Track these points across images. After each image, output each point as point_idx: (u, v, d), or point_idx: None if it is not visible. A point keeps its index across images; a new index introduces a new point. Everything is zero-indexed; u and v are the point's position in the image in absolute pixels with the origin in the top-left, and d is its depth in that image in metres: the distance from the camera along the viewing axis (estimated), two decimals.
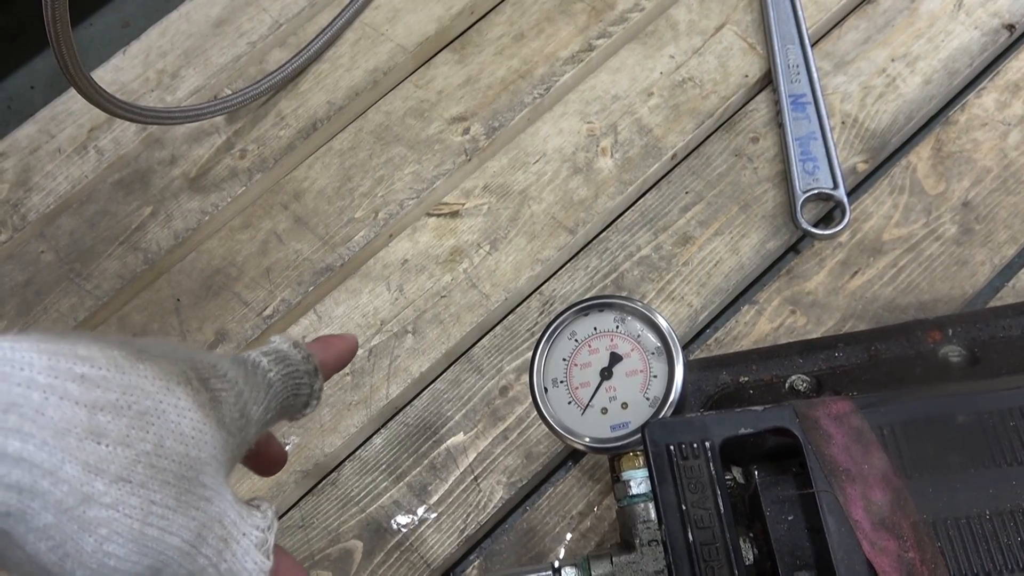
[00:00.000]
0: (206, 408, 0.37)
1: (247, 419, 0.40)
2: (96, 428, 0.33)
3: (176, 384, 0.36)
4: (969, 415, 0.48)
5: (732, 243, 0.74)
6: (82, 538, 0.33)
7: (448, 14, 0.86)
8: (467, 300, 0.75)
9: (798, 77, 0.78)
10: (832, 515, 0.46)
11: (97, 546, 0.33)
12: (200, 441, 0.36)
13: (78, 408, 0.32)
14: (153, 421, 0.34)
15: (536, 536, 0.67)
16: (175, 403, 0.36)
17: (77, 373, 0.33)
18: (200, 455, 0.36)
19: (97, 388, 0.33)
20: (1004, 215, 0.73)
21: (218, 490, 0.37)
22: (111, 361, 0.34)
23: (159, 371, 0.36)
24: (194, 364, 0.39)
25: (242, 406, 0.40)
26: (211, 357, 0.40)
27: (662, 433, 0.46)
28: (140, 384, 0.35)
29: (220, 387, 0.39)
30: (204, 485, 0.36)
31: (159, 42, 0.88)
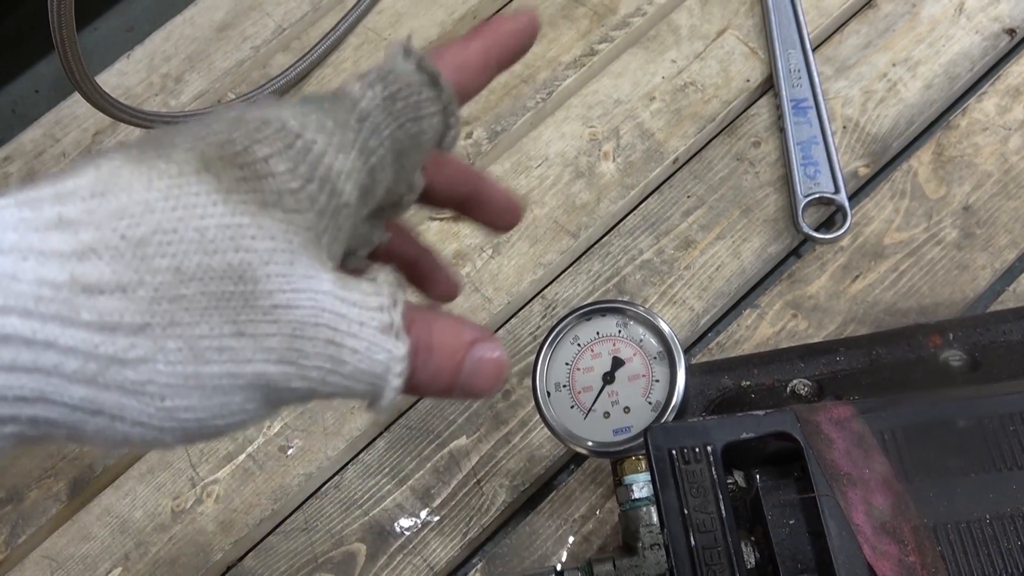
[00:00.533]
0: (239, 192, 0.28)
1: (328, 179, 0.30)
2: (90, 278, 0.26)
3: (190, 177, 0.28)
4: (970, 420, 0.48)
5: (734, 247, 0.75)
6: (133, 404, 0.27)
7: (451, 19, 0.86)
8: (469, 304, 0.75)
9: (799, 81, 0.78)
10: (833, 519, 0.46)
11: (159, 407, 0.27)
12: (239, 241, 0.28)
13: (62, 261, 0.26)
14: (162, 244, 0.27)
15: (539, 539, 0.68)
16: (190, 206, 0.27)
17: (54, 217, 0.26)
18: (247, 259, 0.28)
19: (81, 227, 0.26)
20: (1005, 219, 0.73)
21: (300, 286, 0.28)
22: (100, 183, 0.27)
23: (164, 169, 0.28)
24: (225, 136, 0.29)
25: (310, 165, 0.30)
26: (261, 111, 0.30)
27: (664, 437, 0.47)
28: (139, 199, 0.27)
29: (264, 153, 0.29)
30: (270, 292, 0.28)
31: (163, 46, 0.88)
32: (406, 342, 0.30)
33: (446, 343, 0.31)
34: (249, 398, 0.28)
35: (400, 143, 0.32)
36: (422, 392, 0.31)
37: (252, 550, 0.70)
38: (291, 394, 0.29)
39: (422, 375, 0.31)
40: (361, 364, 0.29)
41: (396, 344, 0.29)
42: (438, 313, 0.32)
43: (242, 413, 0.29)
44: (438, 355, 0.31)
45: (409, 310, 0.30)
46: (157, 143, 0.29)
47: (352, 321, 0.29)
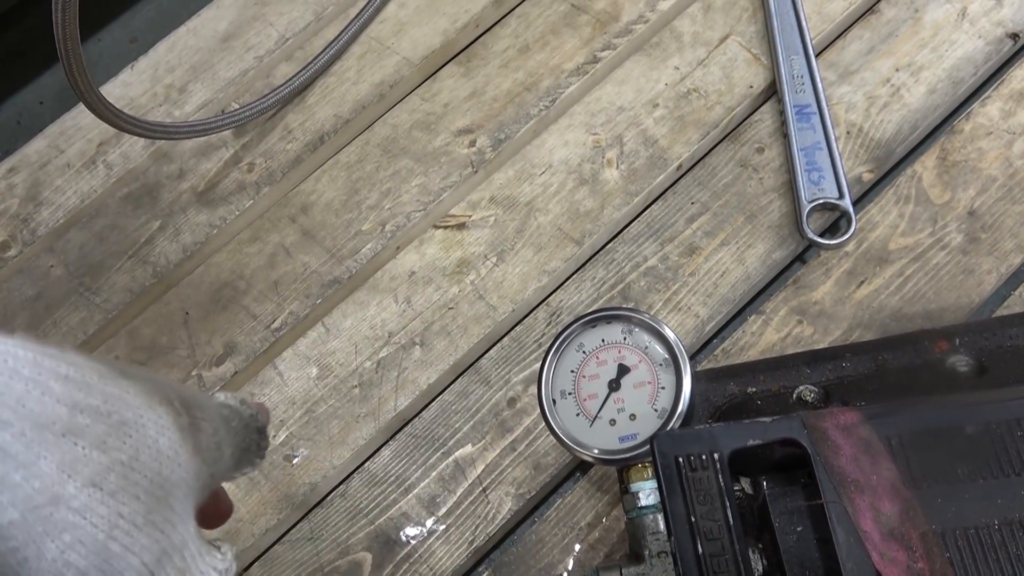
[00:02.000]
0: (185, 432, 0.36)
1: (221, 455, 0.40)
2: (75, 428, 0.31)
3: (158, 403, 0.35)
4: (977, 425, 0.48)
5: (738, 253, 0.75)
6: (45, 542, 0.31)
7: (453, 27, 0.86)
8: (474, 312, 0.75)
9: (802, 87, 0.78)
10: (841, 526, 0.46)
11: (58, 553, 0.31)
12: (175, 462, 0.35)
13: (59, 406, 0.31)
14: (132, 432, 0.33)
15: (545, 547, 0.68)
16: (155, 420, 0.35)
17: (61, 373, 0.32)
18: (173, 476, 0.35)
19: (79, 391, 0.32)
20: (1010, 224, 0.73)
21: (184, 518, 0.35)
22: (95, 370, 0.33)
23: (142, 389, 0.35)
24: (177, 391, 0.38)
25: (219, 440, 0.40)
26: (192, 390, 0.40)
27: (671, 445, 0.47)
28: (122, 396, 0.34)
29: (201, 416, 0.38)
30: (172, 508, 0.35)
31: (167, 57, 0.89)
32: None
33: None
34: None
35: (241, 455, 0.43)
36: None
37: (258, 560, 0.70)
38: None
39: None
40: None
41: None
42: None
43: None
44: None
45: None
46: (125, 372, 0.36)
47: (199, 567, 0.36)
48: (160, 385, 0.37)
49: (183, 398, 0.38)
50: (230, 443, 0.41)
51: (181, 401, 0.37)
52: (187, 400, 0.38)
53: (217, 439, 0.39)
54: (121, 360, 0.77)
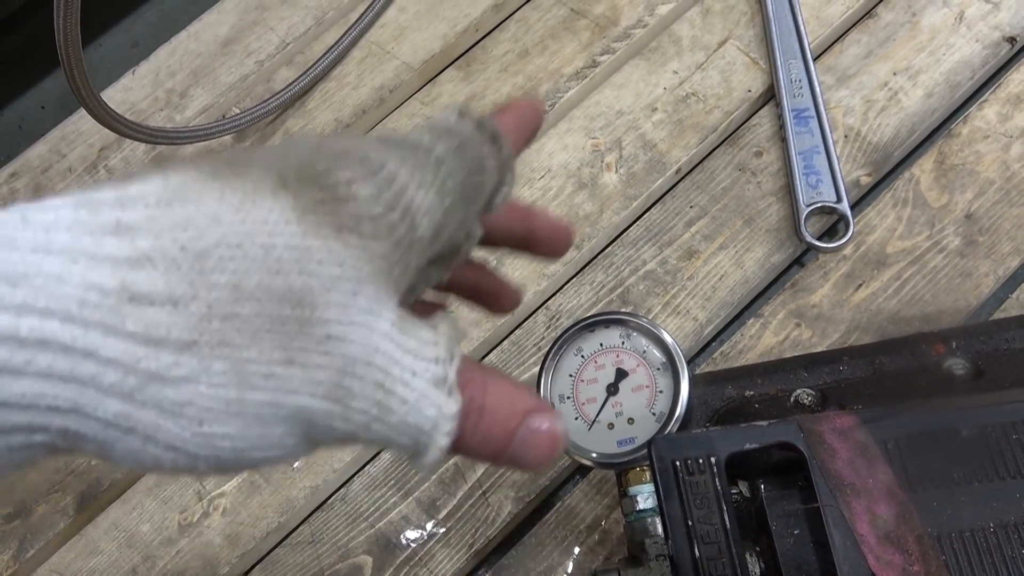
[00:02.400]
0: (316, 212, 0.27)
1: (409, 210, 0.29)
2: (141, 288, 0.25)
3: (263, 193, 0.27)
4: (973, 428, 0.48)
5: (737, 257, 0.75)
6: (170, 425, 0.25)
7: (453, 32, 0.87)
8: (474, 315, 0.75)
9: (801, 91, 0.79)
10: (837, 529, 0.46)
11: (196, 431, 0.26)
12: (306, 264, 0.27)
13: (115, 267, 0.25)
14: (224, 259, 0.26)
15: (545, 550, 0.68)
16: (260, 221, 0.26)
17: (112, 222, 0.25)
18: (310, 284, 0.27)
19: (141, 235, 0.25)
20: (1007, 227, 0.73)
21: (357, 321, 0.27)
22: (168, 193, 0.26)
23: (239, 185, 0.27)
24: (307, 159, 0.29)
25: (394, 195, 0.29)
26: (340, 142, 0.30)
27: (668, 449, 0.47)
28: (207, 211, 0.26)
29: (346, 177, 0.28)
30: (327, 321, 0.27)
31: (168, 62, 0.89)
32: (458, 400, 0.28)
33: (500, 408, 0.29)
34: (289, 432, 0.27)
35: (468, 190, 0.32)
36: (468, 454, 0.30)
37: (259, 563, 0.70)
38: (331, 434, 0.28)
39: (471, 438, 0.29)
40: (408, 416, 0.28)
41: (447, 401, 0.28)
42: (496, 375, 0.30)
43: (280, 448, 0.27)
44: (490, 420, 0.29)
45: (466, 368, 0.29)
46: (232, 161, 0.28)
47: (405, 368, 0.28)
48: (276, 159, 0.29)
49: (313, 163, 0.28)
50: (428, 186, 0.30)
51: (305, 171, 0.28)
52: (323, 161, 0.29)
53: (392, 193, 0.29)
54: None
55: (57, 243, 0.25)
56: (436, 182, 0.30)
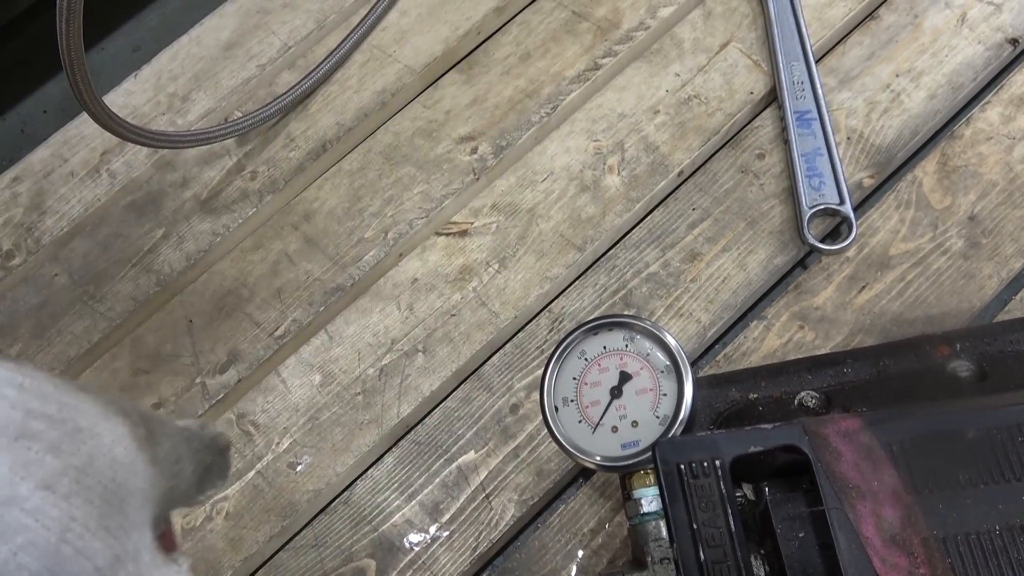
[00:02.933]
0: (142, 442, 0.36)
1: (181, 470, 0.40)
2: (29, 432, 0.32)
3: (115, 414, 0.36)
4: (978, 430, 0.48)
5: (739, 259, 0.75)
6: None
7: (455, 35, 0.86)
8: (477, 318, 0.75)
9: (803, 93, 0.79)
10: (843, 532, 0.46)
11: (11, 555, 0.31)
12: (131, 470, 0.35)
13: (13, 411, 0.32)
14: (87, 439, 0.34)
15: (548, 554, 0.68)
16: (111, 429, 0.35)
17: (17, 382, 0.32)
18: (128, 484, 0.35)
19: (35, 399, 0.33)
20: (1011, 228, 0.73)
21: (139, 526, 0.35)
22: (52, 383, 0.34)
23: (99, 401, 0.36)
24: (134, 407, 0.38)
25: (178, 455, 0.40)
26: (149, 410, 0.41)
27: (672, 452, 0.47)
28: (78, 405, 0.34)
29: (159, 430, 0.39)
30: (127, 515, 0.35)
31: (170, 66, 0.89)
32: None
33: None
34: None
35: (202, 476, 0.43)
36: None
37: (262, 567, 0.70)
38: None
39: None
40: None
41: None
42: None
43: None
44: None
45: None
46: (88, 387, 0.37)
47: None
48: (117, 400, 0.37)
49: (140, 413, 0.38)
50: (191, 460, 0.42)
51: (139, 415, 0.38)
52: (145, 415, 0.38)
53: (177, 453, 0.40)
54: (122, 371, 0.77)
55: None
56: (194, 463, 0.42)
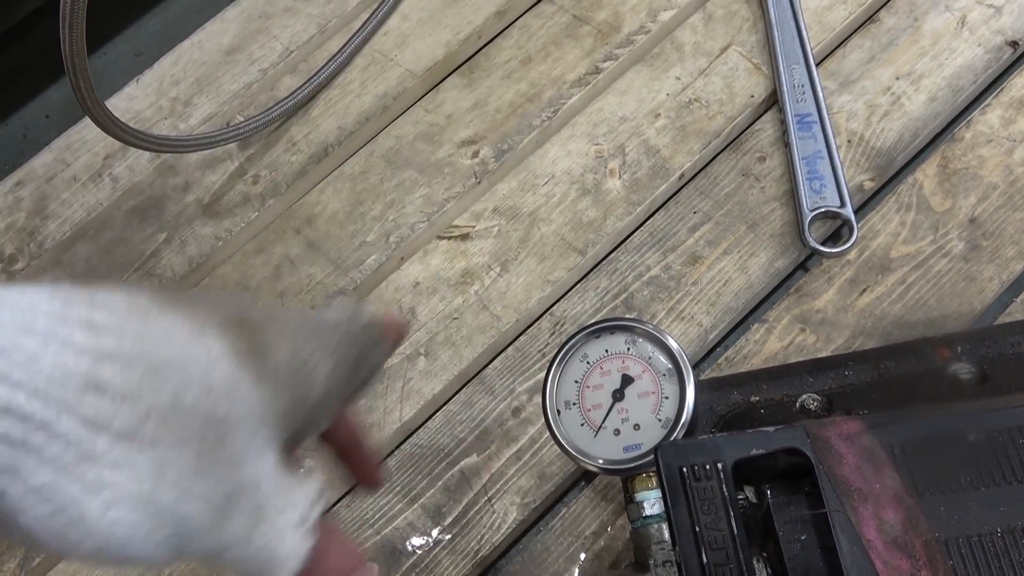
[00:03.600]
0: (246, 356, 0.32)
1: (309, 376, 0.35)
2: (99, 379, 0.29)
3: (210, 329, 0.32)
4: (979, 433, 0.48)
5: (741, 262, 0.75)
6: (85, 502, 0.29)
7: (456, 39, 0.87)
8: (478, 322, 0.76)
9: (803, 97, 0.79)
10: (845, 535, 0.46)
11: (102, 511, 0.29)
12: (231, 395, 0.31)
13: (80, 357, 0.29)
14: (171, 372, 0.30)
15: (550, 557, 0.68)
16: (204, 351, 0.31)
17: (85, 319, 0.29)
18: (230, 413, 0.31)
19: (106, 335, 0.29)
20: (1011, 231, 0.73)
21: (253, 454, 0.32)
22: (132, 308, 0.31)
23: (190, 317, 0.32)
24: (243, 310, 0.34)
25: (303, 360, 0.35)
26: (269, 307, 0.37)
27: (674, 455, 0.47)
28: (162, 331, 0.31)
29: (272, 337, 0.34)
30: (233, 447, 0.31)
31: (172, 71, 0.89)
32: (309, 544, 0.34)
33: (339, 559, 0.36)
34: (167, 538, 0.30)
35: (349, 376, 0.39)
36: None
37: None
38: (200, 547, 0.31)
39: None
40: (266, 546, 0.32)
41: (301, 544, 0.33)
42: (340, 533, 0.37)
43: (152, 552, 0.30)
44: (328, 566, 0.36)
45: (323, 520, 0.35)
46: (185, 298, 0.33)
47: (276, 506, 0.33)
48: (221, 306, 0.33)
49: (248, 316, 0.34)
50: (327, 359, 0.36)
51: (243, 321, 0.33)
52: (255, 318, 0.34)
53: (301, 357, 0.35)
54: None
55: (36, 326, 0.28)
56: (331, 362, 0.37)
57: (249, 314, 0.34)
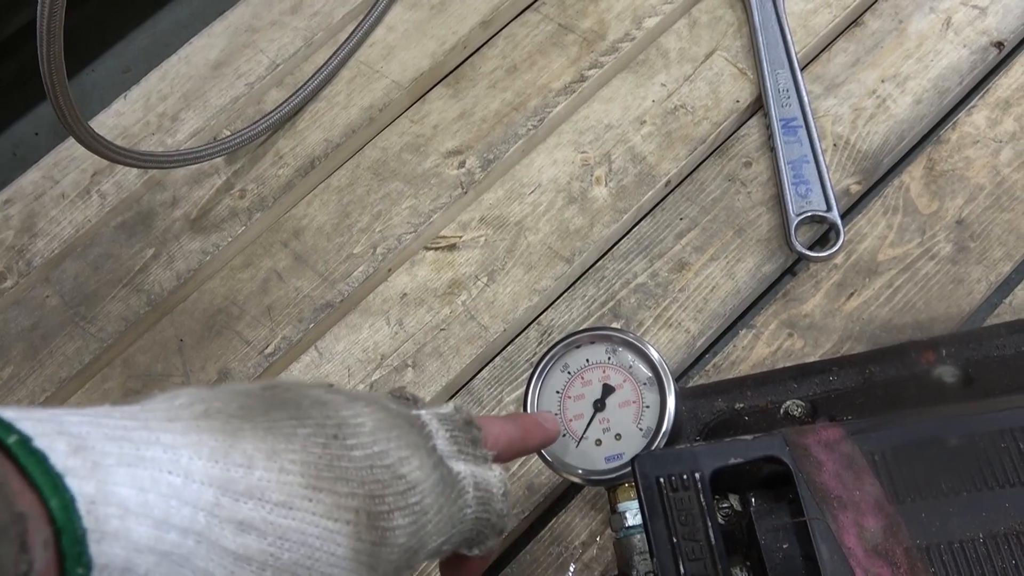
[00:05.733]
0: (363, 555, 0.36)
1: (416, 550, 0.39)
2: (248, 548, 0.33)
3: (341, 526, 0.35)
4: (961, 438, 0.48)
5: (728, 268, 0.75)
6: None
7: (441, 49, 0.87)
8: (466, 332, 0.75)
9: (789, 101, 0.79)
10: (825, 543, 0.46)
11: None
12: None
13: (224, 558, 0.32)
14: (298, 573, 0.34)
15: (540, 567, 0.68)
16: (329, 552, 0.35)
17: (238, 519, 0.33)
18: None
19: (251, 534, 0.33)
20: (998, 232, 0.73)
21: None
22: (284, 492, 0.34)
23: (330, 506, 0.35)
24: (382, 489, 0.37)
25: (419, 540, 0.39)
26: (418, 472, 0.39)
27: (651, 466, 0.47)
28: (301, 527, 0.34)
29: (396, 523, 0.37)
30: None
31: (159, 86, 0.90)
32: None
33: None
34: None
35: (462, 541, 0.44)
36: None
37: None
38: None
39: None
40: None
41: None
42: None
43: None
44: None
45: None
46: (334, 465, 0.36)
47: None
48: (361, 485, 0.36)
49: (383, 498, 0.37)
50: (447, 531, 0.41)
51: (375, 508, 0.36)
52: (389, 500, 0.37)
53: (418, 538, 0.39)
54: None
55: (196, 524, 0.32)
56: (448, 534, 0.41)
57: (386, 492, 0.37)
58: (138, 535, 0.30)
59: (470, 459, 0.43)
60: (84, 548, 0.29)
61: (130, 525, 0.30)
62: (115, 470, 0.30)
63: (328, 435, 0.36)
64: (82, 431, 0.31)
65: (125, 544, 0.30)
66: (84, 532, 0.29)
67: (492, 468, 0.44)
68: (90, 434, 0.31)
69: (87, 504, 0.29)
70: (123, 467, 0.30)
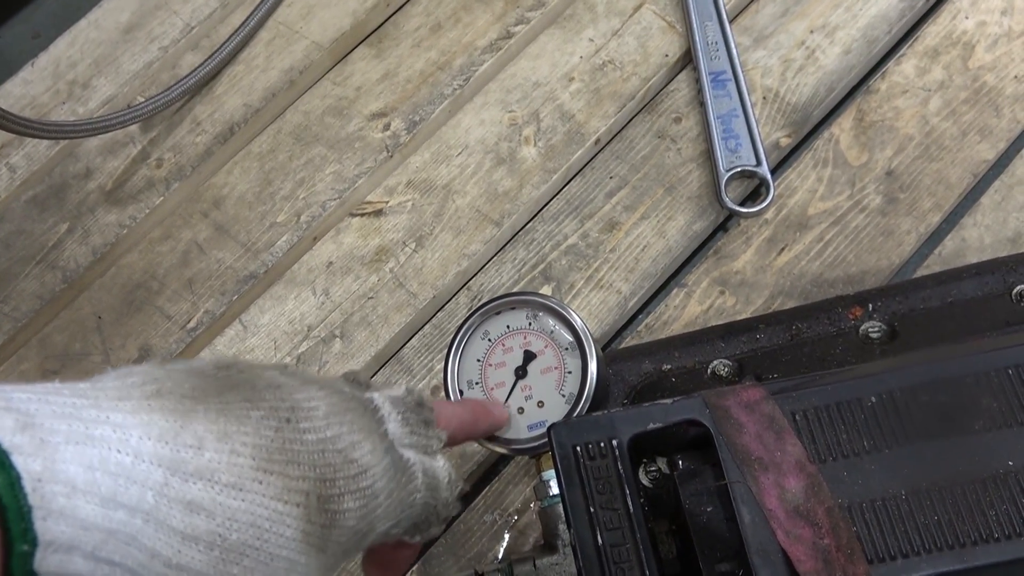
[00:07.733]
0: (312, 537, 0.36)
1: (366, 533, 0.40)
2: (182, 563, 0.33)
3: (291, 508, 0.35)
4: (880, 394, 0.47)
5: (658, 226, 0.73)
6: None
7: (363, 7, 0.84)
8: (394, 300, 0.74)
9: (717, 54, 0.77)
10: (746, 505, 0.45)
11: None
12: (291, 571, 0.36)
13: (172, 537, 0.32)
14: (246, 553, 0.34)
15: (474, 536, 0.67)
16: (279, 533, 0.35)
17: (187, 499, 0.33)
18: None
19: (200, 515, 0.33)
20: (928, 182, 0.72)
21: None
22: (234, 474, 0.34)
23: (280, 489, 0.35)
24: (333, 473, 0.37)
25: (368, 523, 0.39)
26: (370, 456, 0.39)
27: (568, 434, 0.46)
28: (250, 508, 0.34)
29: (347, 506, 0.37)
30: None
31: (68, 52, 0.86)
32: None
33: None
34: None
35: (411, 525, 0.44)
36: None
37: None
38: None
39: None
40: None
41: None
42: None
43: None
44: None
45: None
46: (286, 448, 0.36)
47: None
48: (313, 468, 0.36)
49: (333, 482, 0.37)
50: (395, 515, 0.41)
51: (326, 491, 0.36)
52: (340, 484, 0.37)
53: (368, 522, 0.39)
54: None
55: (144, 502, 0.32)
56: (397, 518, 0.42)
57: (337, 475, 0.37)
58: (85, 513, 0.30)
59: (421, 442, 0.43)
60: (30, 525, 0.29)
61: (77, 503, 0.30)
62: (63, 448, 0.30)
63: (281, 418, 0.36)
64: (30, 408, 0.31)
65: (71, 522, 0.30)
66: (30, 509, 0.29)
67: (439, 457, 0.44)
68: (39, 411, 0.31)
69: (33, 482, 0.29)
70: (71, 445, 0.31)
